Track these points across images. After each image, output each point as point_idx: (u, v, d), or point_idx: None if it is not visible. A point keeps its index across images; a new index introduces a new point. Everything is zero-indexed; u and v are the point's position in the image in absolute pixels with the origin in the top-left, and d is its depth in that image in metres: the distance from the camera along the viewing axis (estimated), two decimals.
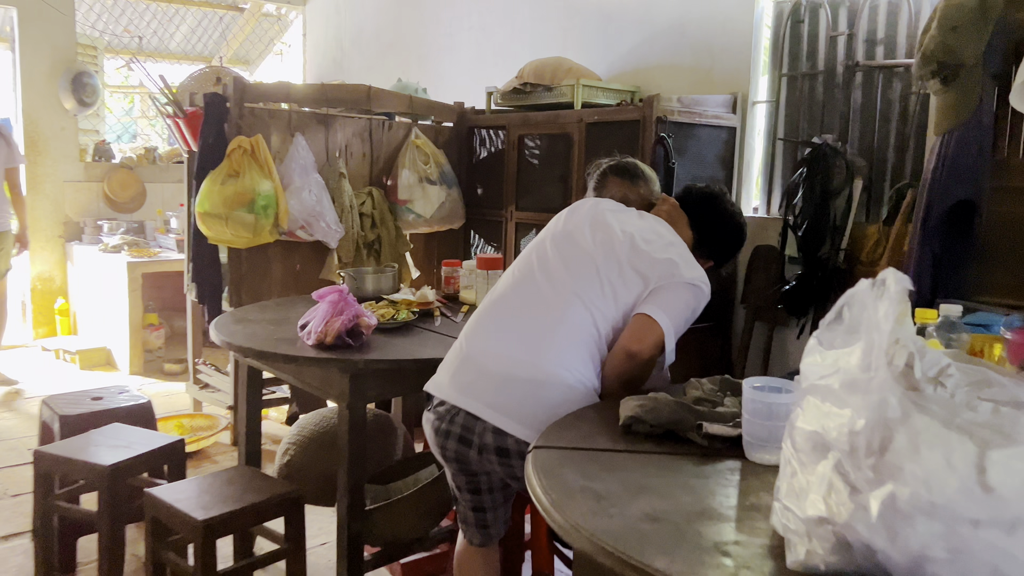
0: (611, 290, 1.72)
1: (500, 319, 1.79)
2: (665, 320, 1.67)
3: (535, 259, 1.83)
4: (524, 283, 1.81)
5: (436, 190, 3.79)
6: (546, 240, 1.87)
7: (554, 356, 1.67)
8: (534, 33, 4.43)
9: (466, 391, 1.73)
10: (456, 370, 1.78)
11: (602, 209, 1.89)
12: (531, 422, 1.62)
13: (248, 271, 3.46)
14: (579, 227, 1.84)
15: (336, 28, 5.96)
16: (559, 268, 1.77)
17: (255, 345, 2.19)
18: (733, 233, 2.02)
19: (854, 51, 3.23)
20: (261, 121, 3.43)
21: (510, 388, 1.68)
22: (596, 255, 1.76)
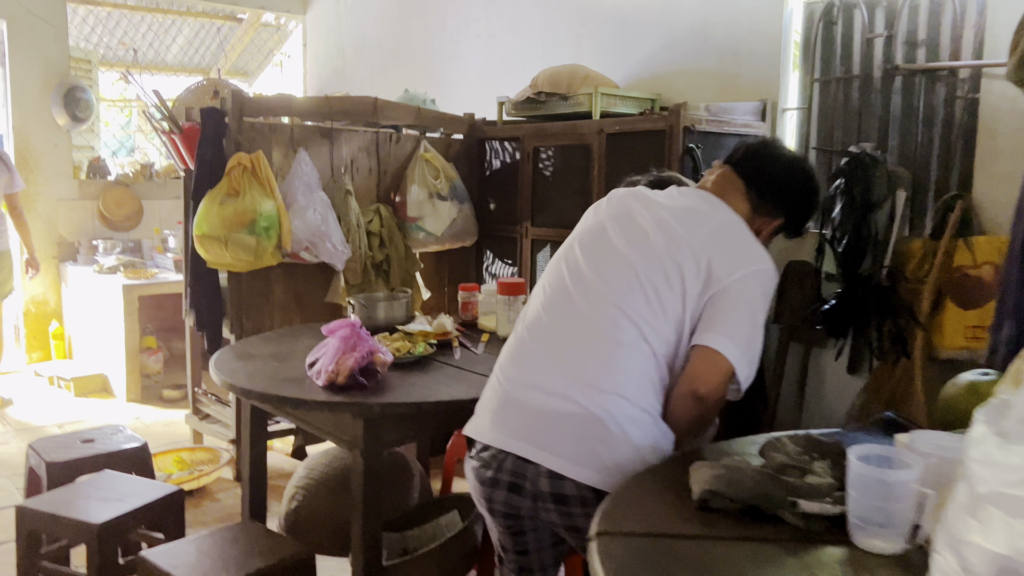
0: (656, 298, 1.50)
1: (538, 347, 1.57)
2: (731, 348, 1.45)
3: (566, 270, 1.61)
4: (558, 301, 1.59)
5: (447, 206, 3.59)
6: (574, 245, 1.66)
7: (605, 384, 1.46)
8: (546, 40, 4.23)
9: (512, 432, 1.51)
10: (497, 409, 1.56)
11: (629, 199, 1.66)
12: (590, 462, 1.43)
13: (249, 296, 3.25)
14: (607, 225, 1.62)
15: (337, 37, 5.77)
16: (594, 279, 1.55)
17: (259, 387, 1.98)
18: (800, 179, 1.72)
19: (893, 54, 3.03)
20: (262, 136, 3.23)
21: (561, 425, 1.47)
22: (633, 258, 1.54)
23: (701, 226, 1.55)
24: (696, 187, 1.74)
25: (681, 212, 1.59)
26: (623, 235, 1.58)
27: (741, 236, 1.58)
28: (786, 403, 3.26)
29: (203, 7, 6.08)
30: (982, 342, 2.71)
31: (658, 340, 1.49)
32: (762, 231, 1.68)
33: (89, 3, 5.78)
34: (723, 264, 1.50)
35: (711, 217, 1.58)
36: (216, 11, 6.27)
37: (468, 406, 1.89)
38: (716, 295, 1.49)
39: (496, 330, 2.54)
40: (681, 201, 1.63)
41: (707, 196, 1.65)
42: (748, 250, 1.55)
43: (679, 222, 1.56)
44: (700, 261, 1.50)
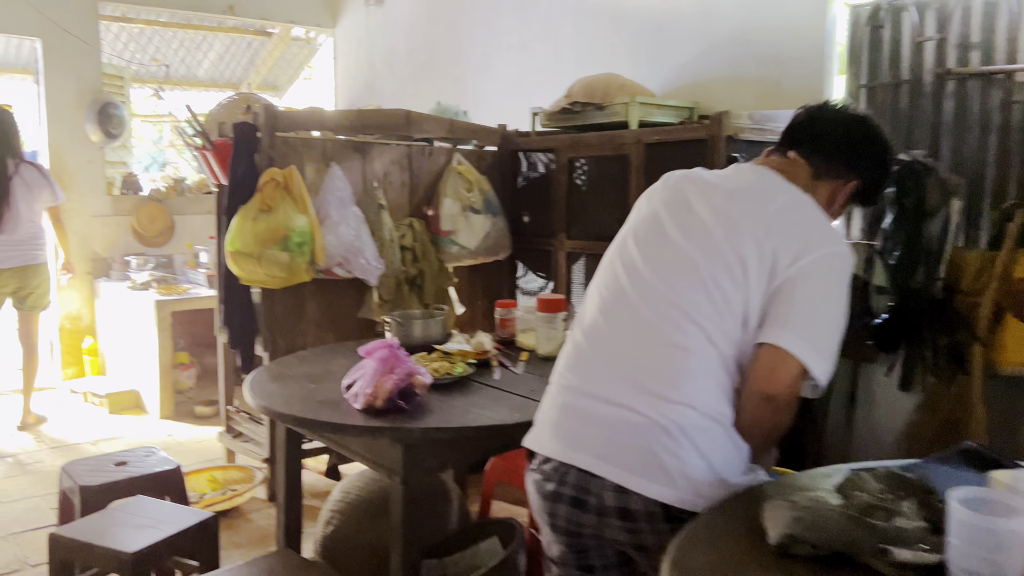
0: (720, 295, 1.39)
1: (597, 354, 1.47)
2: (799, 344, 1.33)
3: (621, 269, 1.51)
4: (616, 304, 1.49)
5: (480, 219, 3.52)
6: (628, 239, 1.55)
7: (671, 394, 1.36)
8: (579, 49, 4.16)
9: (574, 444, 1.42)
10: (558, 420, 1.48)
11: (684, 182, 1.55)
12: (657, 476, 1.34)
13: (282, 313, 3.20)
14: (661, 215, 1.52)
15: (367, 50, 5.75)
16: (652, 279, 1.45)
17: (295, 410, 1.92)
18: (870, 132, 1.58)
19: (945, 57, 2.91)
20: (294, 151, 3.18)
21: (625, 437, 1.37)
22: (692, 252, 1.43)
23: (762, 210, 1.43)
24: (756, 162, 1.60)
25: (740, 195, 1.47)
26: (680, 226, 1.47)
27: (808, 216, 1.45)
28: (834, 420, 3.14)
29: (233, 22, 6.09)
30: None
31: (726, 341, 1.38)
32: (835, 200, 1.55)
33: (122, 21, 5.81)
34: (789, 250, 1.38)
35: (773, 198, 1.46)
36: (246, 26, 6.29)
37: (510, 431, 1.81)
38: (783, 285, 1.37)
39: (536, 348, 2.46)
40: (739, 181, 1.51)
41: (767, 173, 1.53)
42: (817, 232, 1.42)
43: (738, 207, 1.45)
44: (764, 249, 1.38)
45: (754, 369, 1.37)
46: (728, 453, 1.38)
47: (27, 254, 4.27)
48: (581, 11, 4.14)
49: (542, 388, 2.09)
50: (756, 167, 1.56)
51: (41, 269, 4.35)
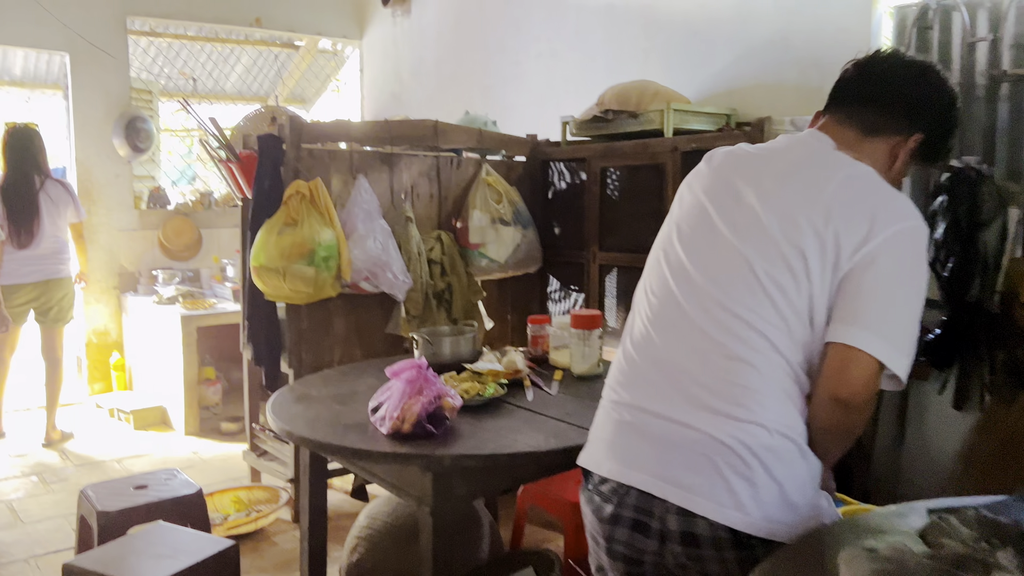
0: (782, 297, 1.26)
1: (651, 368, 1.35)
2: (872, 340, 1.20)
3: (668, 272, 1.38)
4: (667, 313, 1.35)
5: (510, 231, 3.42)
6: (672, 236, 1.41)
7: (737, 412, 1.24)
8: (610, 56, 4.06)
9: (634, 463, 1.31)
10: (614, 438, 1.36)
11: (727, 167, 1.41)
12: (725, 498, 1.22)
13: (308, 329, 3.12)
14: (707, 206, 1.38)
15: (394, 61, 5.69)
16: (705, 283, 1.32)
17: (319, 435, 1.82)
18: (932, 79, 1.40)
19: (999, 59, 2.76)
20: (320, 163, 3.11)
21: (689, 456, 1.26)
22: (745, 250, 1.29)
23: (819, 192, 1.28)
24: (807, 131, 1.45)
25: (792, 177, 1.32)
26: (728, 220, 1.34)
27: (872, 191, 1.29)
28: (884, 441, 2.99)
29: (260, 35, 6.08)
30: None
31: (792, 347, 1.26)
32: (896, 159, 1.39)
33: (150, 35, 5.82)
34: (854, 234, 1.24)
35: (830, 176, 1.30)
36: (273, 39, 6.27)
37: (546, 458, 1.71)
38: (850, 274, 1.24)
39: (570, 367, 2.34)
40: (789, 158, 1.36)
41: (820, 144, 1.38)
42: (883, 208, 1.26)
43: (792, 192, 1.30)
44: (825, 238, 1.24)
45: (824, 371, 1.24)
46: (800, 474, 1.26)
47: (49, 268, 4.26)
48: (612, 17, 4.04)
49: (578, 410, 1.99)
50: (806, 137, 1.41)
51: (64, 283, 4.34)
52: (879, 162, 1.37)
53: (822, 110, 1.47)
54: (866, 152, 1.36)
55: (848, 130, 1.39)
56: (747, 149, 1.44)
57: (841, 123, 1.40)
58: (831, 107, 1.45)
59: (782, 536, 1.22)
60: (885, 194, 1.29)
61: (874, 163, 1.35)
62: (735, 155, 1.43)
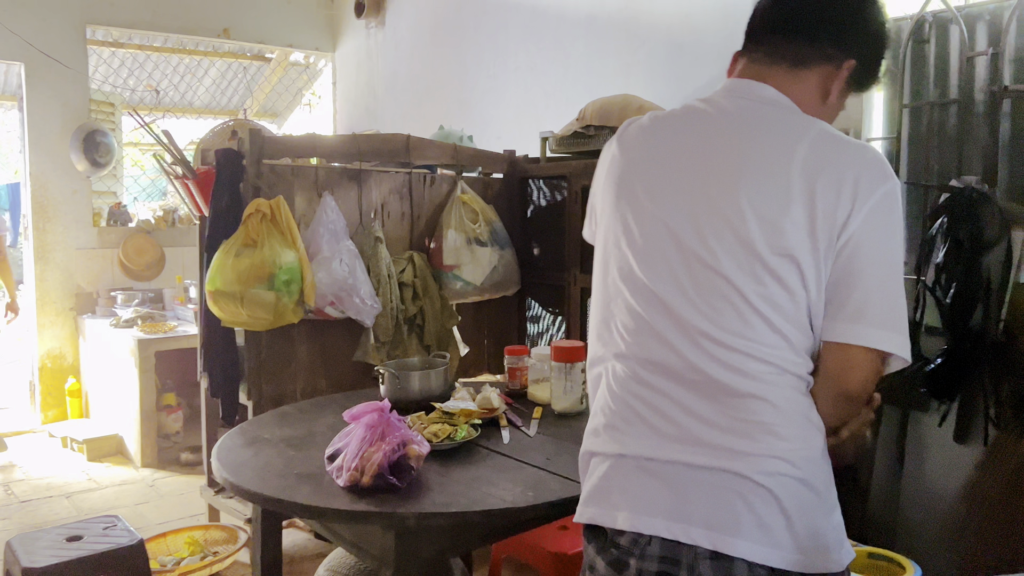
0: (782, 316, 1.12)
1: (650, 412, 1.17)
2: (879, 335, 1.11)
3: (639, 303, 1.18)
4: (654, 354, 1.17)
5: (487, 252, 3.23)
6: (625, 253, 1.21)
7: (753, 445, 1.11)
8: (591, 70, 3.90)
9: (650, 509, 1.14)
10: (622, 484, 1.17)
11: (658, 154, 1.23)
12: (759, 535, 1.09)
13: (269, 357, 2.91)
14: (658, 218, 1.19)
15: (368, 75, 5.51)
16: (687, 315, 1.14)
17: (267, 488, 1.62)
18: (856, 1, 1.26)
19: (1000, 73, 2.63)
20: (283, 180, 2.91)
21: (714, 495, 1.11)
22: (729, 271, 1.12)
23: (793, 178, 1.12)
24: (733, 81, 1.28)
25: (754, 167, 1.14)
26: (699, 236, 1.15)
27: (840, 152, 1.13)
28: (881, 474, 2.82)
29: (229, 47, 5.88)
30: None
31: (798, 360, 1.14)
32: (830, 92, 1.24)
33: (113, 46, 5.60)
34: (838, 213, 1.11)
35: (793, 149, 1.13)
36: (243, 51, 6.07)
37: (523, 514, 1.51)
38: (841, 257, 1.12)
39: (551, 403, 2.15)
40: (738, 135, 1.18)
41: (764, 103, 1.21)
42: (861, 173, 1.11)
43: (761, 188, 1.13)
44: (816, 231, 1.11)
45: (830, 370, 1.15)
46: (826, 497, 1.16)
47: None
48: (593, 30, 3.89)
49: (559, 455, 1.80)
50: (741, 97, 1.23)
51: None
52: (811, 98, 1.23)
53: (740, 51, 1.31)
54: (796, 90, 1.22)
55: (774, 68, 1.23)
56: (671, 123, 1.25)
57: (764, 62, 1.25)
58: (749, 46, 1.29)
59: (817, 566, 1.11)
60: (854, 153, 1.14)
61: (806, 100, 1.22)
62: (661, 136, 1.24)
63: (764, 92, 1.22)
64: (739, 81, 1.26)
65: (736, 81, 1.27)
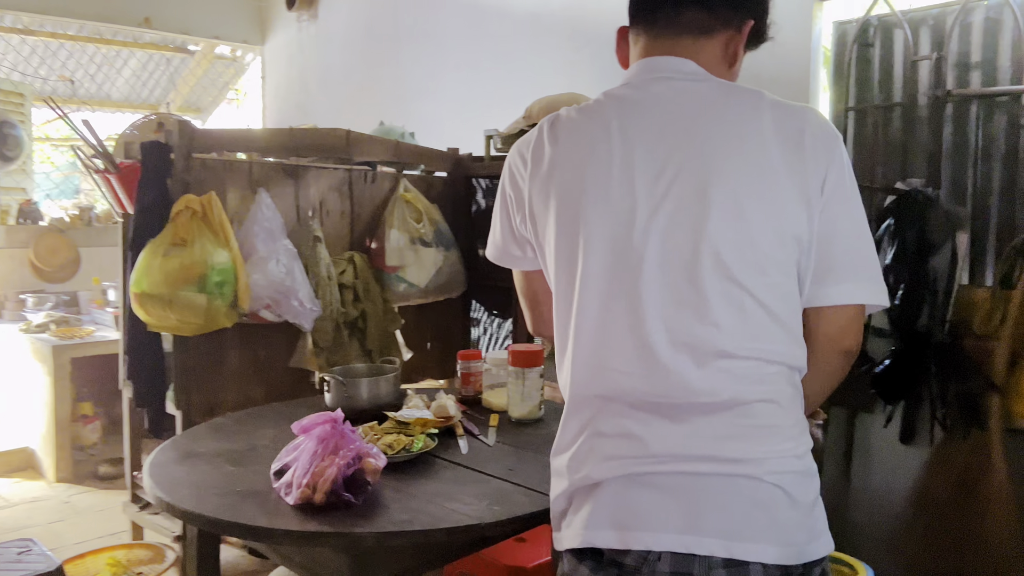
0: (793, 314, 1.12)
1: (633, 427, 1.10)
2: (868, 289, 1.13)
3: (629, 312, 1.09)
4: (652, 374, 1.08)
5: (432, 253, 3.12)
6: (598, 270, 1.11)
7: (762, 447, 1.08)
8: (534, 69, 3.83)
9: (657, 523, 1.07)
10: (617, 498, 1.09)
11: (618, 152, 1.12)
12: (774, 535, 1.06)
13: (198, 364, 2.73)
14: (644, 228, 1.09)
15: (300, 69, 5.31)
16: (703, 332, 1.07)
17: (208, 509, 1.47)
18: None
19: (943, 78, 2.66)
20: (214, 175, 2.74)
21: (724, 500, 1.06)
22: (726, 266, 1.07)
23: (764, 148, 1.08)
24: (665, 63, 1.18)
25: (727, 142, 1.09)
26: (691, 234, 1.07)
27: (802, 119, 1.11)
28: (830, 474, 2.82)
29: (151, 37, 5.59)
30: None
31: (800, 354, 1.14)
32: (736, 55, 1.22)
33: (22, 32, 5.24)
34: (815, 177, 1.09)
35: (757, 121, 1.09)
36: (165, 42, 5.78)
37: (489, 530, 1.41)
38: (821, 225, 1.11)
39: (507, 409, 2.06)
40: (696, 114, 1.12)
41: (691, 74, 1.15)
42: (818, 133, 1.11)
43: (743, 162, 1.08)
44: (807, 200, 1.09)
45: (828, 330, 1.15)
46: (816, 482, 1.15)
47: None
48: (536, 28, 3.82)
49: (521, 465, 1.70)
50: (669, 77, 1.16)
51: None
52: (719, 65, 1.20)
53: (631, 27, 1.24)
54: (704, 59, 1.18)
55: (681, 40, 1.18)
56: (607, 115, 1.15)
57: (668, 35, 1.19)
58: (643, 20, 1.22)
59: (820, 551, 1.10)
60: (808, 115, 1.13)
61: (714, 67, 1.19)
62: (601, 131, 1.13)
63: (687, 67, 1.17)
64: (655, 60, 1.19)
65: (652, 60, 1.19)
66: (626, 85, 1.20)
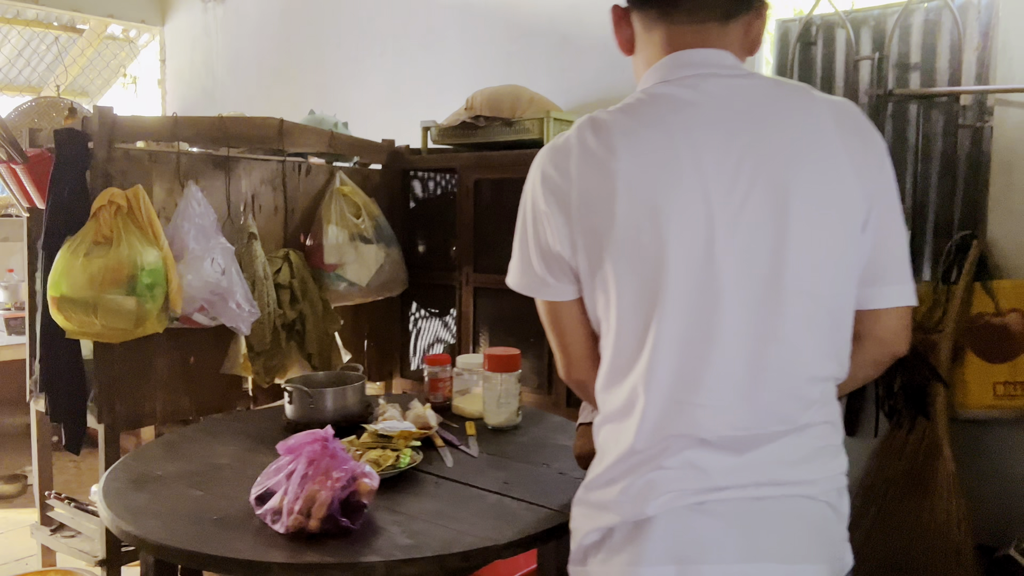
0: (847, 315, 1.09)
1: (700, 441, 1.03)
2: (911, 290, 1.10)
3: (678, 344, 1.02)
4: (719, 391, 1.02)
5: (373, 250, 2.97)
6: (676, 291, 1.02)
7: (819, 470, 1.05)
8: (468, 59, 3.72)
9: (714, 553, 1.00)
10: (677, 530, 1.01)
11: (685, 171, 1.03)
12: (826, 552, 1.05)
13: (122, 373, 2.50)
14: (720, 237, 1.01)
15: (205, 53, 4.99)
16: (776, 350, 1.02)
17: (186, 542, 1.32)
18: None
19: (884, 78, 2.73)
20: (139, 167, 2.51)
21: (782, 522, 1.02)
22: (811, 283, 1.02)
23: (833, 150, 1.03)
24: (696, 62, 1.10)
25: (800, 147, 1.02)
26: (776, 249, 1.01)
27: (852, 114, 1.08)
28: None
29: (35, 13, 5.13)
30: (1015, 399, 2.42)
31: (844, 369, 1.12)
32: (757, 38, 1.16)
33: None
34: (873, 174, 1.07)
35: (819, 120, 1.04)
36: (51, 19, 5.32)
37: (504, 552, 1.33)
38: (876, 223, 1.06)
39: (483, 416, 1.96)
40: (758, 118, 1.04)
41: (737, 71, 1.09)
42: (869, 130, 1.10)
43: (819, 166, 1.02)
44: (867, 208, 1.06)
45: (885, 335, 1.11)
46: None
47: None
48: (469, 17, 3.70)
49: (515, 477, 1.62)
50: (714, 74, 1.08)
51: None
52: (740, 52, 1.14)
53: (634, 9, 1.16)
54: (728, 45, 1.11)
55: (707, 28, 1.10)
56: (670, 120, 1.05)
57: (693, 23, 1.10)
58: (661, 4, 1.12)
59: (851, 560, 1.10)
60: (856, 110, 1.11)
61: (737, 53, 1.13)
62: (663, 138, 1.04)
63: (727, 60, 1.10)
64: (691, 53, 1.10)
65: (687, 54, 1.10)
66: (668, 83, 1.09)
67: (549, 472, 1.65)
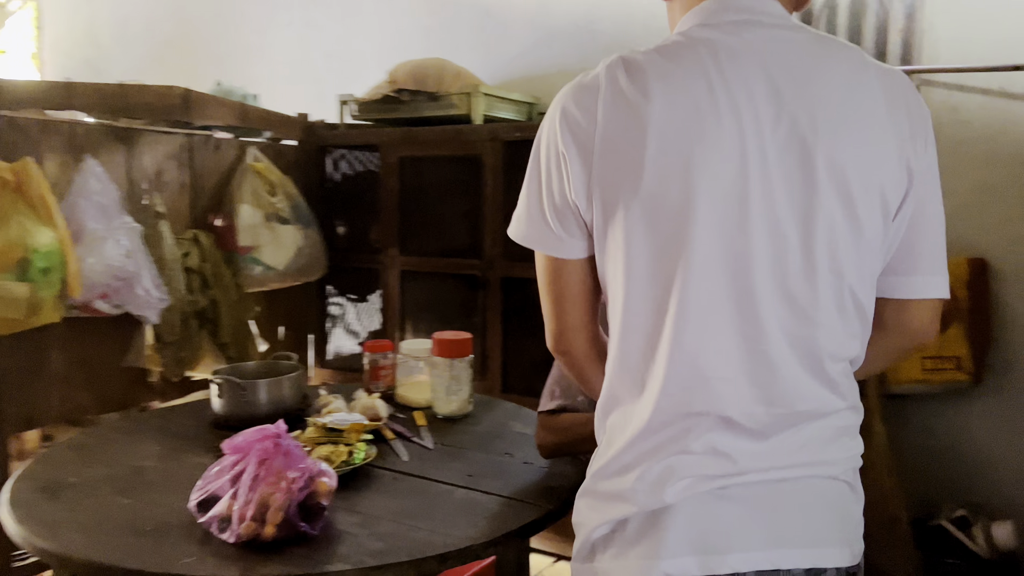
0: (872, 299, 1.02)
1: (723, 421, 0.94)
2: (945, 283, 1.04)
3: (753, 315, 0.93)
4: (756, 373, 0.93)
5: (290, 231, 2.78)
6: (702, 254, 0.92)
7: (841, 451, 0.98)
8: (384, 31, 3.54)
9: (739, 541, 0.93)
10: (699, 519, 0.94)
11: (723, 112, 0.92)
12: (844, 535, 0.99)
13: (13, 367, 2.23)
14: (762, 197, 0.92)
15: (88, 20, 4.59)
16: (806, 332, 0.94)
17: (124, 559, 1.15)
18: None
19: None
20: (27, 137, 2.23)
21: (803, 503, 0.96)
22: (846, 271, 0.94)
23: (877, 115, 0.95)
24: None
25: (847, 108, 0.94)
26: (803, 222, 0.92)
27: (905, 88, 0.99)
28: None
29: None
30: (944, 374, 2.49)
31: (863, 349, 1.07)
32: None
33: None
34: (917, 155, 0.98)
35: (865, 81, 0.95)
36: None
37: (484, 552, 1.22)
38: (913, 206, 1.00)
39: (431, 405, 1.84)
40: (805, 70, 0.94)
41: (783, 20, 0.99)
42: (918, 104, 0.99)
43: (864, 129, 0.94)
44: (905, 186, 0.98)
45: (915, 326, 1.05)
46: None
47: None
48: None
49: (480, 470, 1.51)
50: (757, 24, 0.97)
51: None
52: (787, 3, 1.04)
53: None
54: None
55: None
56: (707, 64, 0.93)
57: None
58: None
59: (862, 545, 1.03)
60: (907, 82, 1.01)
61: (785, 3, 1.03)
62: (700, 83, 0.92)
63: (774, 9, 0.99)
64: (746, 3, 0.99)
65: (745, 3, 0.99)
66: (707, 26, 0.98)
67: (513, 462, 1.55)
